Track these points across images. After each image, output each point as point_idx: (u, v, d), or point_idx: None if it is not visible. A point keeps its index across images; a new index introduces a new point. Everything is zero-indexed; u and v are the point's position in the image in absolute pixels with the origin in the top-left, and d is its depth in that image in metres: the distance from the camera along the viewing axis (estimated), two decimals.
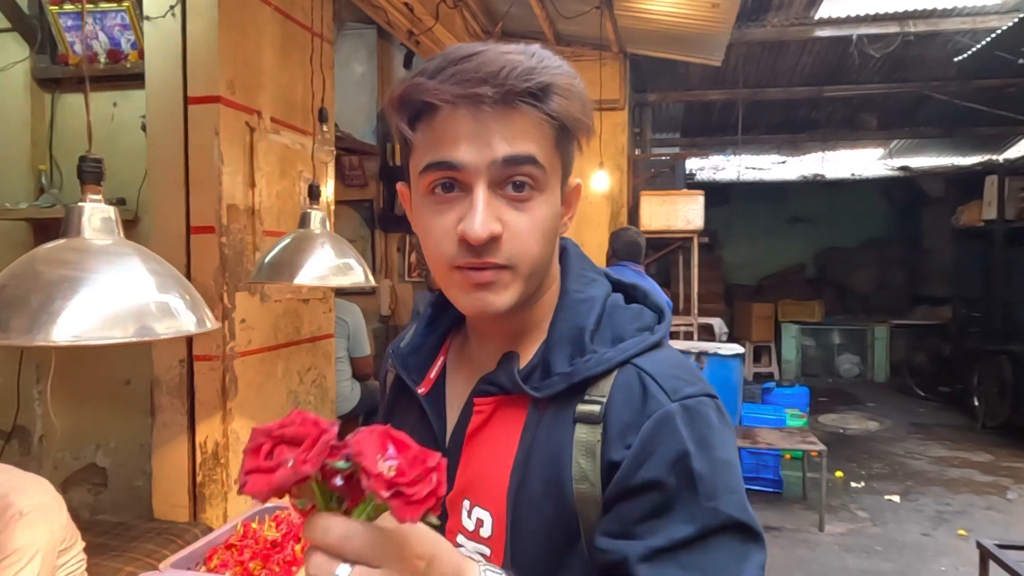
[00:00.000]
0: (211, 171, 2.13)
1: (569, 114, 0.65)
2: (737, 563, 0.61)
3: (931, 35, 5.31)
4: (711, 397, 0.66)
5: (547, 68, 0.64)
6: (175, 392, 2.21)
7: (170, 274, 0.98)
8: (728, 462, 0.64)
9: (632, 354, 0.67)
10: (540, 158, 0.64)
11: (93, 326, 0.85)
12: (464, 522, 0.71)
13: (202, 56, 2.13)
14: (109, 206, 0.96)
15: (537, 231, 0.66)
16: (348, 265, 1.57)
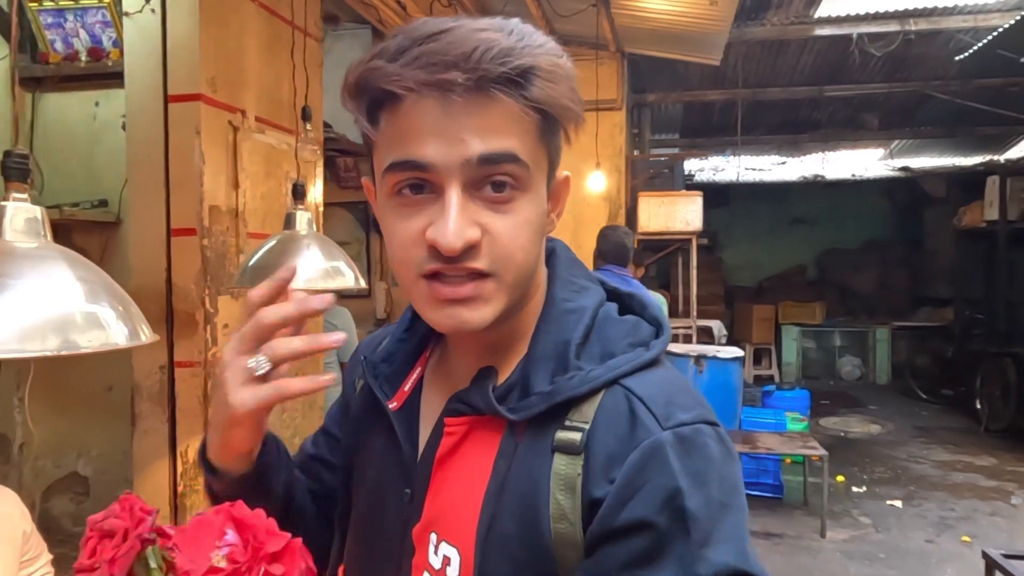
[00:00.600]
0: (192, 171, 2.06)
1: (554, 101, 0.56)
2: None
3: (932, 34, 5.26)
4: (711, 425, 0.57)
5: (527, 48, 0.54)
6: (156, 399, 2.14)
7: (101, 282, 0.91)
8: (728, 504, 0.55)
9: (621, 373, 0.59)
10: (522, 154, 0.56)
11: (9, 337, 0.78)
12: (431, 558, 0.62)
13: (182, 53, 2.06)
14: (35, 206, 0.88)
15: (521, 235, 0.58)
16: (337, 268, 1.50)
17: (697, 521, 0.53)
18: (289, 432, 2.56)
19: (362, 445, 0.72)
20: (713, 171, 9.19)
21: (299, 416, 2.62)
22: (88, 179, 2.56)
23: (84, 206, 2.44)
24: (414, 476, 0.65)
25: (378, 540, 0.68)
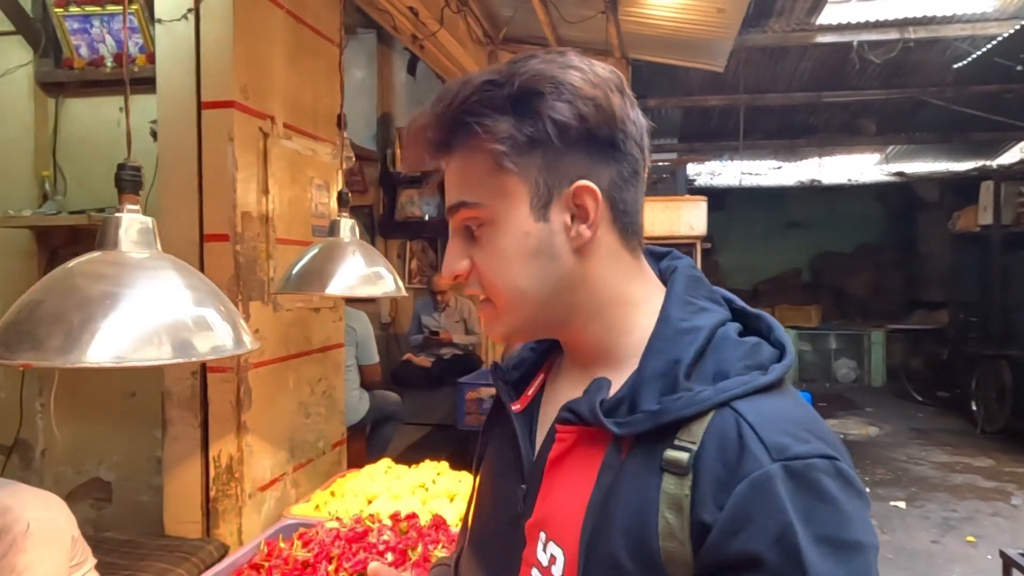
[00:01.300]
0: (225, 177, 2.08)
1: (489, 131, 0.60)
2: None
3: (931, 41, 5.34)
4: (829, 459, 0.55)
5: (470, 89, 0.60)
6: (187, 405, 2.14)
7: (208, 290, 0.93)
8: (847, 542, 0.53)
9: (733, 395, 0.57)
10: (473, 195, 0.63)
11: (134, 347, 0.80)
12: (539, 554, 0.65)
13: (216, 60, 2.08)
14: (147, 216, 0.91)
15: (497, 262, 0.63)
16: (378, 274, 1.53)
17: (812, 563, 0.51)
18: (313, 436, 2.57)
19: (490, 442, 0.78)
20: (710, 175, 9.26)
21: (322, 420, 2.63)
22: (111, 184, 2.55)
23: (108, 211, 2.44)
24: (529, 474, 0.68)
25: (495, 529, 0.72)
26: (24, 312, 0.78)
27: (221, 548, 2.08)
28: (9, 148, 2.57)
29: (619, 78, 0.63)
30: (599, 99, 0.60)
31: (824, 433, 0.58)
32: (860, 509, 0.55)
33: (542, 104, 0.59)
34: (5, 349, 0.75)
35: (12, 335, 0.76)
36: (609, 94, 0.61)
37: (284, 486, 2.36)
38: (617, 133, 0.62)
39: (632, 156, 0.64)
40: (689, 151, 7.98)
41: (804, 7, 5.01)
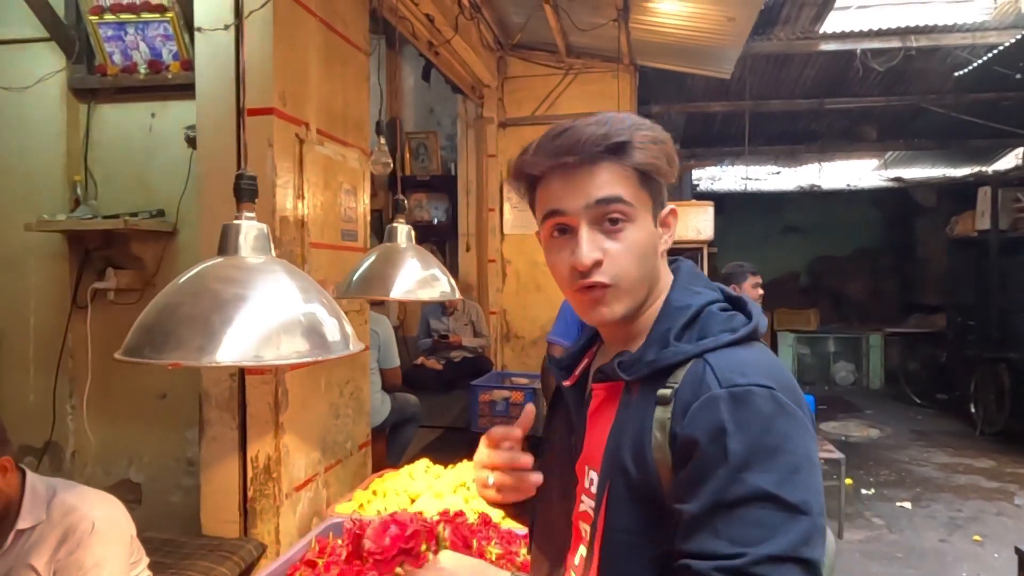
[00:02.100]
0: (265, 183, 2.12)
1: (647, 163, 0.83)
2: (768, 535, 0.67)
3: (932, 50, 5.43)
4: (766, 388, 0.74)
5: (619, 130, 0.82)
6: (225, 406, 2.18)
7: (319, 292, 0.97)
8: (769, 446, 0.71)
9: (706, 348, 0.79)
10: (626, 196, 0.82)
11: (266, 346, 0.84)
12: (586, 483, 0.87)
13: (256, 68, 2.12)
14: (262, 224, 0.95)
15: (631, 254, 0.83)
16: (434, 276, 1.57)
17: (735, 454, 0.70)
18: (342, 437, 2.60)
19: (551, 419, 1.02)
20: (711, 180, 9.35)
21: (350, 422, 2.67)
22: (142, 189, 2.60)
23: (142, 216, 2.47)
24: (576, 427, 0.91)
25: (556, 474, 0.93)
26: (164, 313, 0.82)
27: (260, 547, 2.11)
28: (42, 153, 2.60)
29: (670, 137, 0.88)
30: (674, 155, 0.86)
31: (774, 374, 0.77)
32: (789, 425, 0.73)
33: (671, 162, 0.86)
34: (151, 350, 0.79)
35: (157, 336, 0.80)
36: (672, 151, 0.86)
37: (317, 486, 2.39)
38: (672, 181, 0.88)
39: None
40: (691, 156, 8.06)
41: (809, 15, 5.10)
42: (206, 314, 0.80)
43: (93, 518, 1.48)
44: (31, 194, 2.59)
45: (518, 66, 5.25)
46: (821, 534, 0.71)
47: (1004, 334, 6.61)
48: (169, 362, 0.76)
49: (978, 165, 8.44)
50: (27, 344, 2.65)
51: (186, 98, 2.33)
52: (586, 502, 0.86)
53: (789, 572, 0.66)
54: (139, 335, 0.80)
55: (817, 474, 0.73)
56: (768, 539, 0.67)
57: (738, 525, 0.68)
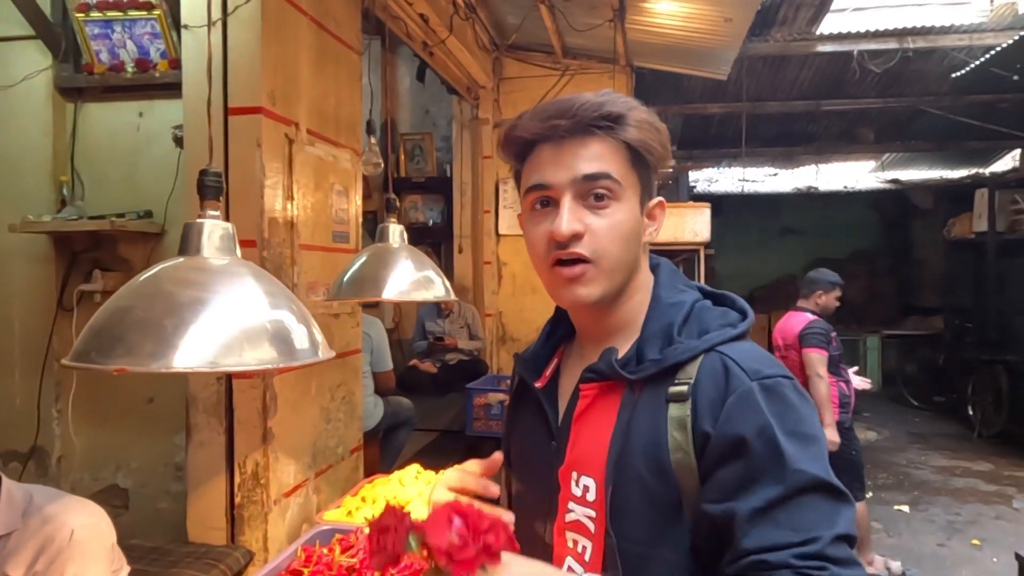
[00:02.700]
0: (253, 183, 2.08)
1: (640, 141, 0.80)
2: (828, 518, 0.69)
3: (929, 51, 5.42)
4: (788, 379, 0.76)
5: (615, 102, 0.80)
6: (212, 411, 2.14)
7: (287, 296, 0.94)
8: (807, 435, 0.72)
9: (716, 342, 0.78)
10: (615, 174, 0.79)
11: (225, 352, 0.80)
12: (573, 490, 0.83)
13: (244, 66, 2.08)
14: (227, 223, 0.91)
15: (615, 232, 0.79)
16: (428, 278, 1.53)
17: (785, 447, 0.70)
18: (334, 442, 2.56)
19: (515, 420, 0.97)
20: (708, 182, 9.33)
21: (342, 426, 2.62)
22: (130, 189, 2.55)
23: (129, 217, 2.43)
24: (558, 432, 0.86)
25: (534, 482, 0.90)
26: (115, 317, 0.78)
27: (247, 555, 2.07)
28: (27, 153, 2.56)
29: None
30: (667, 143, 0.84)
31: (780, 364, 0.78)
32: (811, 412, 0.75)
33: (665, 150, 0.83)
34: (98, 355, 0.75)
35: (105, 340, 0.76)
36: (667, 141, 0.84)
37: (307, 492, 2.35)
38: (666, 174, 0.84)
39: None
40: (688, 158, 8.04)
41: (806, 17, 5.08)
42: (159, 318, 0.76)
43: (72, 526, 1.43)
44: (16, 194, 2.54)
45: (514, 67, 5.22)
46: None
47: (1002, 336, 6.59)
48: (114, 368, 0.72)
49: (975, 167, 8.43)
50: (12, 347, 2.60)
51: (174, 97, 2.29)
52: (577, 511, 0.82)
53: (845, 551, 0.69)
54: (87, 339, 0.76)
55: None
56: (828, 522, 0.69)
57: (802, 513, 0.69)
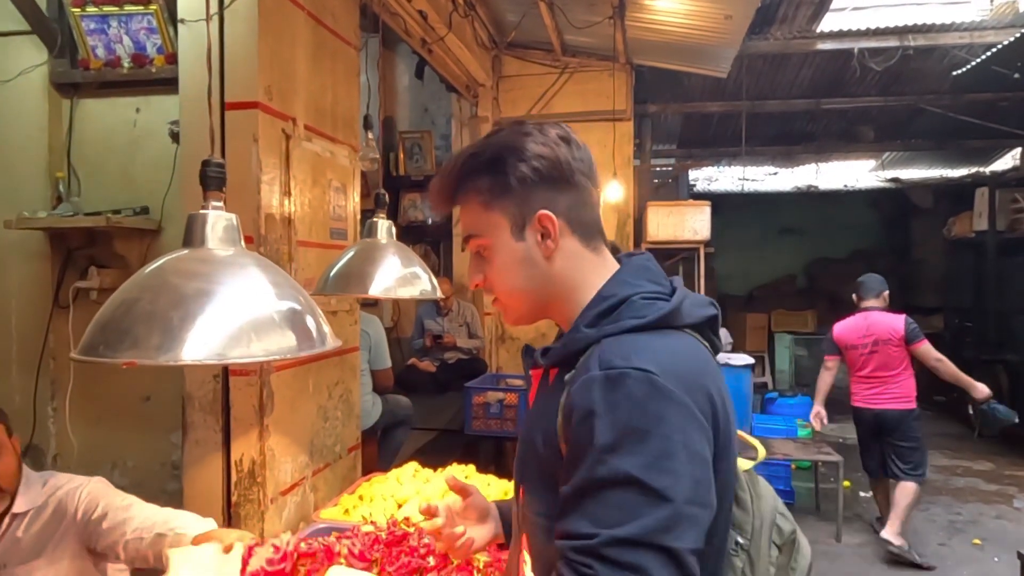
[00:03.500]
0: (249, 179, 2.06)
1: (476, 188, 0.88)
2: (625, 517, 0.67)
3: (930, 49, 5.40)
4: (644, 372, 0.73)
5: (448, 177, 0.90)
6: (208, 408, 2.12)
7: (293, 287, 0.92)
8: (636, 429, 0.70)
9: (606, 333, 0.80)
10: (476, 229, 0.90)
11: (232, 344, 0.78)
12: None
13: (240, 61, 2.06)
14: (231, 214, 0.89)
15: (502, 274, 0.89)
16: (415, 274, 1.51)
17: (604, 435, 0.71)
18: (331, 440, 2.54)
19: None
20: (707, 181, 9.31)
21: (340, 424, 2.61)
22: (126, 185, 2.54)
23: (126, 213, 2.41)
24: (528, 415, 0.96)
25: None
26: (121, 310, 0.76)
27: None
28: (23, 149, 2.54)
29: (566, 132, 0.88)
30: (547, 155, 0.86)
31: (665, 360, 0.75)
32: (665, 410, 0.72)
33: (506, 166, 0.86)
34: (106, 348, 0.73)
35: (112, 334, 0.74)
36: (556, 148, 0.86)
37: (304, 490, 2.33)
38: (565, 174, 0.87)
39: (582, 185, 0.89)
40: (687, 157, 8.02)
41: (806, 14, 5.06)
42: (165, 311, 0.74)
43: (84, 486, 1.57)
44: (12, 191, 2.52)
45: (513, 65, 5.20)
46: (694, 524, 0.69)
47: (1002, 336, 6.58)
48: (123, 361, 0.71)
49: (975, 166, 8.42)
50: (8, 345, 2.58)
51: (171, 92, 2.27)
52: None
53: (642, 558, 0.66)
54: (95, 332, 0.75)
55: (698, 463, 0.71)
56: (625, 522, 0.67)
57: (601, 506, 0.69)
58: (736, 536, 0.83)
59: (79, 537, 1.50)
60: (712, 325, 0.88)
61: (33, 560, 1.47)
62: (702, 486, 0.71)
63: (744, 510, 0.85)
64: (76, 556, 1.50)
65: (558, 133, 0.87)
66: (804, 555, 0.88)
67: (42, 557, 1.47)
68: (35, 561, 1.47)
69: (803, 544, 0.89)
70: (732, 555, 0.82)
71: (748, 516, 0.85)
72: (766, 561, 0.84)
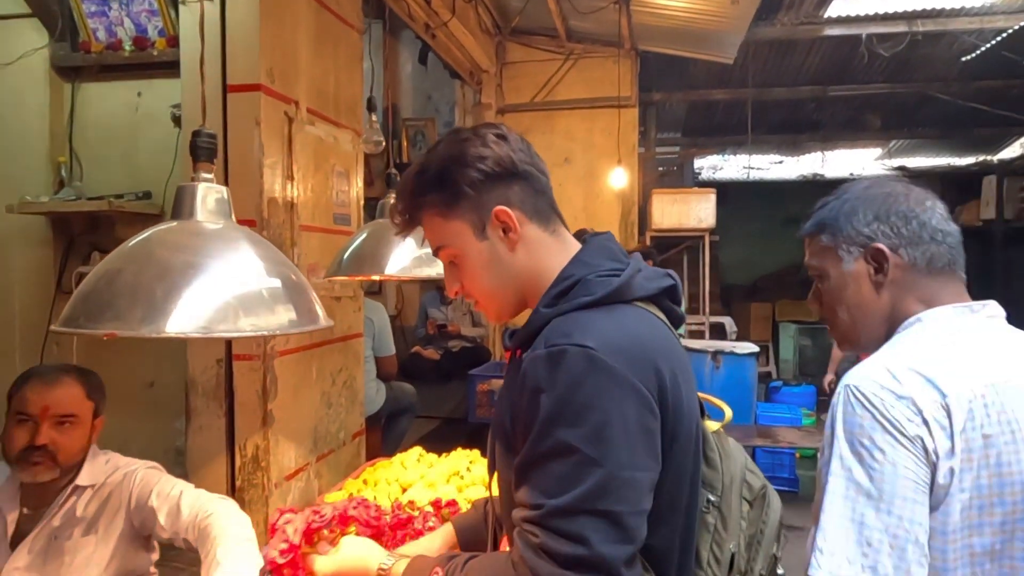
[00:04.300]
0: (252, 163, 2.04)
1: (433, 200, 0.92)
2: (567, 484, 0.73)
3: (938, 35, 5.34)
4: (582, 348, 0.78)
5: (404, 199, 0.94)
6: (212, 394, 2.11)
7: (283, 263, 0.90)
8: (579, 403, 0.75)
9: (559, 312, 0.84)
10: (442, 241, 0.94)
11: (217, 318, 0.77)
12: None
13: (242, 43, 2.04)
14: (222, 186, 0.88)
15: (474, 279, 0.94)
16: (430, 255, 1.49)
17: (546, 410, 0.76)
18: (335, 426, 2.54)
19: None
20: (712, 170, 9.26)
21: (343, 411, 2.60)
22: (128, 170, 2.52)
23: (128, 198, 2.40)
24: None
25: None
26: (103, 282, 0.75)
27: None
28: (24, 133, 2.53)
29: (501, 130, 0.92)
30: (487, 154, 0.89)
31: (608, 335, 0.79)
32: (603, 384, 0.76)
33: (454, 175, 0.90)
34: (87, 320, 0.72)
35: (93, 305, 0.73)
36: (495, 147, 0.90)
37: (308, 476, 2.33)
38: (509, 168, 0.90)
39: (530, 174, 0.92)
40: (692, 145, 7.97)
41: (813, 0, 5.00)
42: (149, 283, 0.73)
43: (140, 468, 1.60)
44: (13, 176, 2.51)
45: (517, 51, 5.16)
46: (631, 487, 0.74)
47: None
48: (104, 333, 0.69)
49: (983, 154, 8.35)
50: (12, 330, 2.58)
51: (173, 76, 2.25)
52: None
53: (581, 524, 0.72)
54: (76, 304, 0.74)
55: (635, 431, 0.76)
56: (565, 491, 0.73)
57: (545, 477, 0.75)
58: (707, 494, 0.88)
59: (129, 519, 1.51)
60: (671, 295, 0.93)
61: (86, 535, 1.48)
62: (639, 452, 0.76)
63: (714, 469, 0.89)
64: (125, 536, 1.52)
65: (494, 132, 0.92)
66: (774, 509, 0.93)
67: (94, 533, 1.49)
68: (88, 536, 1.48)
69: (773, 499, 0.94)
70: (704, 512, 0.88)
71: (718, 474, 0.89)
72: (737, 516, 0.89)
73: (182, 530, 1.42)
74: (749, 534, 0.89)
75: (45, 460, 1.42)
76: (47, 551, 1.44)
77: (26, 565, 1.43)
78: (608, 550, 0.71)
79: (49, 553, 1.44)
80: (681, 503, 0.84)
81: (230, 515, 1.39)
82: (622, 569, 0.72)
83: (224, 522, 1.36)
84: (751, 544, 0.89)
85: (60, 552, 1.44)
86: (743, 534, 0.89)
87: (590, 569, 0.71)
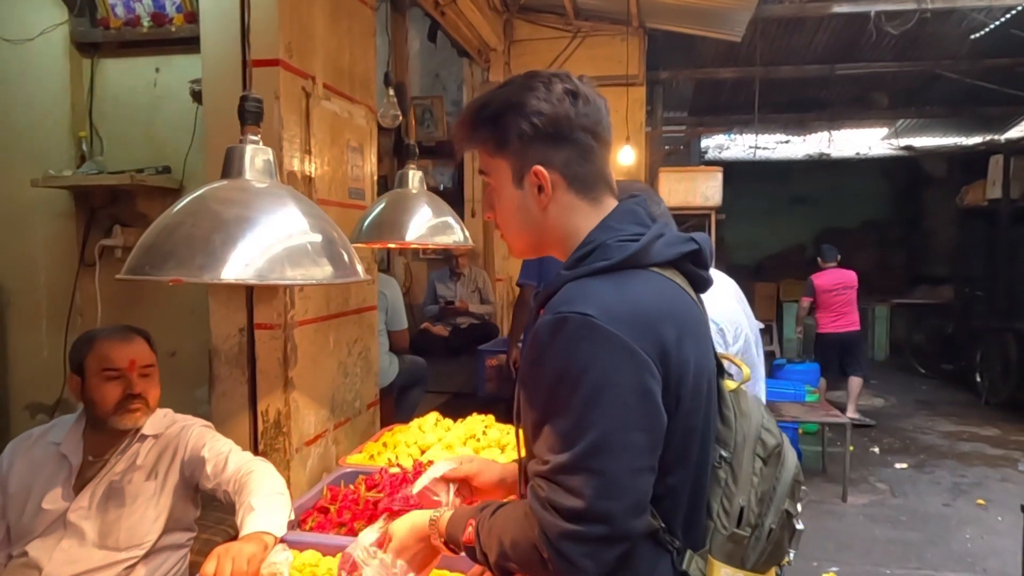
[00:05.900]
0: (271, 137, 2.08)
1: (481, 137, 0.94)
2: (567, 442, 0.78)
3: (947, 12, 5.32)
4: (582, 315, 0.81)
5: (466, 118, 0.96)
6: (234, 362, 2.18)
7: (325, 219, 0.96)
8: (574, 367, 0.80)
9: (572, 276, 0.87)
10: (486, 169, 0.96)
11: (271, 266, 0.83)
12: None
13: (261, 18, 2.07)
14: (267, 147, 0.93)
15: (502, 211, 0.96)
16: (447, 223, 1.55)
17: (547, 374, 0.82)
18: (351, 395, 2.61)
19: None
20: (718, 149, 9.25)
21: (359, 381, 2.67)
22: (148, 145, 2.57)
23: (148, 172, 2.45)
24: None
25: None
26: (164, 233, 0.81)
27: None
28: (45, 109, 2.57)
29: (575, 86, 0.91)
30: (546, 110, 0.89)
31: (610, 302, 0.82)
32: (599, 349, 0.80)
33: (507, 121, 0.91)
34: (152, 268, 0.78)
35: (156, 255, 0.79)
36: (558, 105, 0.89)
37: (327, 442, 2.40)
38: (563, 130, 0.90)
39: (581, 140, 0.91)
40: (699, 124, 7.96)
41: None
42: (207, 234, 0.79)
43: (196, 425, 1.70)
44: (36, 150, 2.56)
45: (525, 29, 5.16)
46: (626, 447, 0.79)
47: (1012, 304, 6.58)
48: (169, 278, 0.75)
49: (990, 133, 8.32)
50: (38, 302, 2.65)
51: (191, 51, 2.29)
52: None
53: (576, 480, 0.77)
54: (140, 254, 0.80)
55: (632, 395, 0.80)
56: (566, 449, 0.78)
57: (552, 436, 0.80)
58: (720, 450, 0.92)
59: (182, 469, 1.62)
60: (695, 260, 0.93)
61: (147, 481, 1.59)
62: (636, 413, 0.80)
63: (728, 427, 0.93)
64: (178, 488, 1.62)
65: (565, 87, 0.90)
66: (788, 467, 0.94)
67: (154, 479, 1.59)
68: (149, 482, 1.59)
69: (789, 456, 0.95)
70: (716, 467, 0.91)
71: (731, 432, 0.93)
72: (748, 472, 0.91)
73: (224, 482, 1.51)
74: (761, 490, 0.91)
75: (142, 406, 1.57)
76: (109, 495, 1.54)
77: (89, 507, 1.53)
78: (605, 504, 0.77)
79: (111, 497, 1.54)
80: (690, 458, 0.87)
81: (268, 473, 1.49)
82: (621, 520, 0.78)
83: (261, 476, 1.45)
84: (763, 499, 0.91)
85: (121, 496, 1.54)
86: (755, 490, 0.91)
87: (590, 521, 0.77)
